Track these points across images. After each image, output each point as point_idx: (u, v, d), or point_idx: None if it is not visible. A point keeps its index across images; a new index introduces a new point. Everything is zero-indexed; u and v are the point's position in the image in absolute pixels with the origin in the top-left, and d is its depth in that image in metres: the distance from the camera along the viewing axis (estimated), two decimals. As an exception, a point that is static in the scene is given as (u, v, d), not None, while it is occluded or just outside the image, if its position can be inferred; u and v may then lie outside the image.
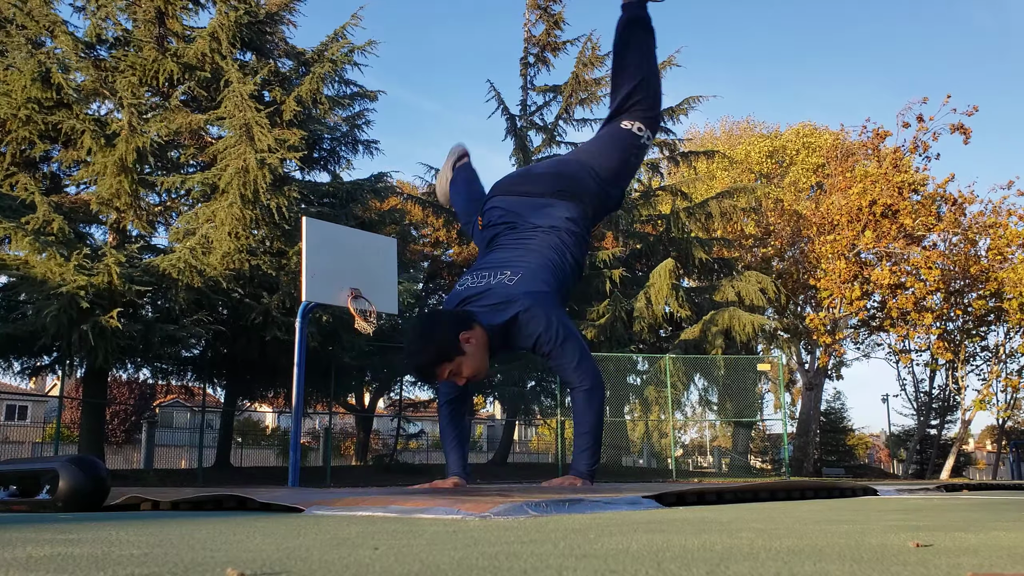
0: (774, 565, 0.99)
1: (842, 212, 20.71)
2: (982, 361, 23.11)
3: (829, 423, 30.41)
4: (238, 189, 11.84)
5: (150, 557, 1.12)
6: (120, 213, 12.62)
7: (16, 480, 2.57)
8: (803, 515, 2.07)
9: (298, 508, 2.20)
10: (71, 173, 13.07)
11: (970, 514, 2.15)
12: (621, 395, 18.94)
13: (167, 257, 11.47)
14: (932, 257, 19.47)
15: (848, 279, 20.08)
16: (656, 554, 1.11)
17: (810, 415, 24.17)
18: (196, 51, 12.97)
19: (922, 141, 21.35)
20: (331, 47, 14.48)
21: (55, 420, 17.40)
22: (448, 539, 1.35)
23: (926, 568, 0.96)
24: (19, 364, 13.02)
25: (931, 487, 4.85)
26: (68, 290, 10.34)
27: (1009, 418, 25.60)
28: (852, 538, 1.36)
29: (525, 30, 19.98)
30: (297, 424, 8.31)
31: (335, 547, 1.24)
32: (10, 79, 11.76)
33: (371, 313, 8.13)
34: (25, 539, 1.40)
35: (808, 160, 25.75)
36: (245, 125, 12.08)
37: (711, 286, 19.98)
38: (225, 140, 12.50)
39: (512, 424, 22.19)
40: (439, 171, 3.71)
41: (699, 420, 25.58)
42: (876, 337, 24.38)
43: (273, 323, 12.10)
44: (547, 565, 1.00)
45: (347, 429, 30.36)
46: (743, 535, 1.41)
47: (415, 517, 1.91)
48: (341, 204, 14.49)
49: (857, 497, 3.50)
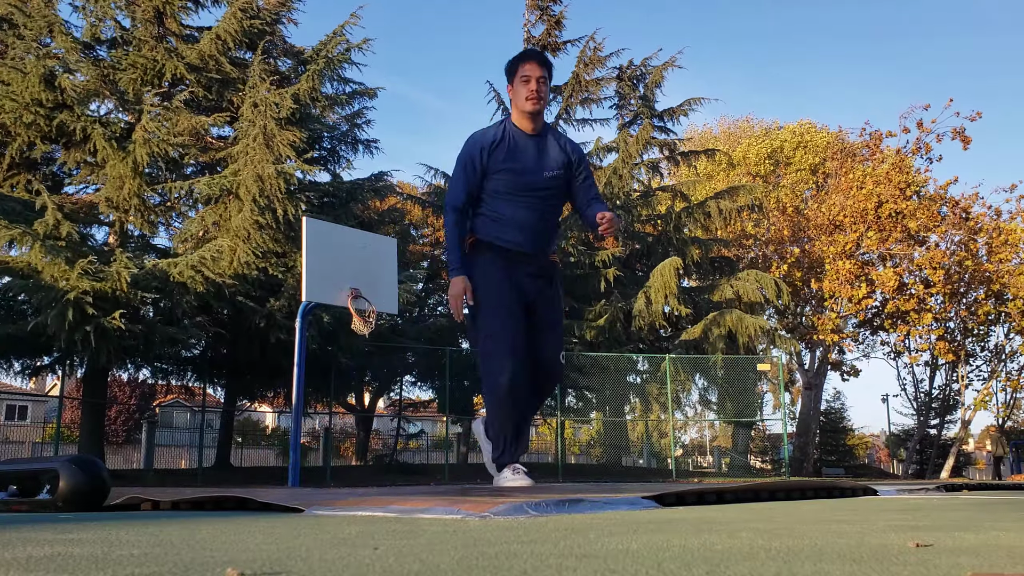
0: (774, 565, 0.99)
1: (847, 213, 20.71)
2: (982, 361, 23.12)
3: (829, 423, 30.41)
4: (254, 196, 11.85)
5: (150, 557, 1.12)
6: (124, 214, 12.61)
7: (16, 480, 2.57)
8: (803, 515, 2.07)
9: (298, 508, 2.20)
10: (73, 174, 13.06)
11: (970, 514, 2.15)
12: (621, 395, 18.94)
13: (176, 261, 11.45)
14: (936, 257, 19.46)
15: (852, 279, 20.10)
16: (656, 554, 1.11)
17: (810, 415, 24.17)
18: (201, 52, 12.97)
19: (924, 143, 21.37)
20: (328, 46, 14.47)
21: (55, 420, 17.40)
22: (448, 539, 1.35)
23: (926, 568, 0.96)
24: (19, 364, 13.01)
25: (931, 487, 4.85)
26: (74, 296, 10.32)
27: (1008, 418, 25.62)
28: (852, 538, 1.36)
29: (525, 30, 19.98)
30: (297, 424, 8.31)
31: (335, 547, 1.24)
32: (12, 80, 11.76)
33: (371, 313, 8.13)
34: (25, 539, 1.40)
35: (805, 160, 25.75)
36: (264, 133, 12.07)
37: (711, 285, 19.97)
38: (241, 145, 12.47)
39: (512, 424, 22.12)
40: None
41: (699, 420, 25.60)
42: (876, 337, 24.40)
43: (276, 326, 12.10)
44: (547, 565, 1.00)
45: (347, 429, 30.36)
46: (743, 535, 1.41)
47: (415, 517, 1.91)
48: (341, 204, 14.48)
49: (857, 497, 3.50)
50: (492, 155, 3.57)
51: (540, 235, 3.66)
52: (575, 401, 19.38)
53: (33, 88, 11.66)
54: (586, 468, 21.46)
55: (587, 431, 29.77)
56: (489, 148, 3.58)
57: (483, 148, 3.58)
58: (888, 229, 20.18)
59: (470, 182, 3.57)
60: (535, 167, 3.61)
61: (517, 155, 3.59)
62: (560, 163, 3.66)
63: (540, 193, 3.62)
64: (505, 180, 3.57)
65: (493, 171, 3.57)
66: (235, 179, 12.15)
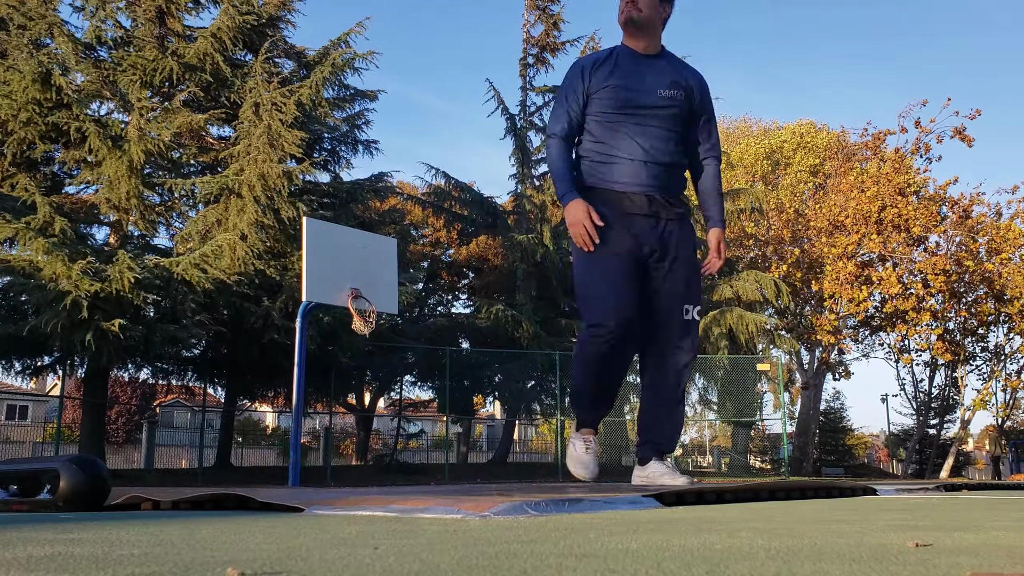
0: (774, 565, 0.99)
1: (849, 213, 20.70)
2: (982, 361, 23.13)
3: (828, 423, 30.41)
4: (256, 195, 11.85)
5: (150, 557, 1.12)
6: (124, 214, 12.61)
7: (17, 480, 2.57)
8: (803, 515, 2.07)
9: (298, 508, 2.20)
10: (73, 174, 13.06)
11: (970, 514, 2.15)
12: (621, 395, 18.95)
13: (178, 260, 11.45)
14: (939, 264, 19.44)
15: (852, 280, 20.10)
16: (656, 554, 1.11)
17: (809, 415, 24.18)
18: (198, 51, 12.96)
19: (924, 143, 21.37)
20: (333, 53, 14.50)
21: (56, 420, 17.40)
22: (448, 539, 1.35)
23: (926, 568, 0.96)
24: (20, 364, 13.02)
25: (930, 487, 4.85)
26: (75, 295, 10.31)
27: (1008, 418, 25.63)
28: (852, 538, 1.36)
29: (524, 31, 19.98)
30: (297, 424, 8.31)
31: (335, 547, 1.24)
32: (11, 80, 11.75)
33: (371, 313, 8.14)
34: (25, 539, 1.40)
35: (805, 161, 25.73)
36: (269, 132, 12.07)
37: (710, 285, 19.97)
38: (242, 145, 12.47)
39: (512, 424, 22.18)
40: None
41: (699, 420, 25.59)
42: (876, 337, 24.41)
43: (276, 326, 12.11)
44: (547, 565, 1.00)
45: (347, 429, 30.36)
46: (743, 535, 1.41)
47: (415, 517, 1.91)
48: (341, 204, 14.48)
49: (857, 497, 3.50)
50: (595, 74, 3.14)
51: (661, 171, 3.09)
52: (575, 401, 19.37)
53: (30, 87, 11.66)
54: (586, 468, 21.41)
55: (587, 431, 29.70)
56: (591, 67, 3.16)
57: (584, 68, 3.18)
58: (890, 231, 20.18)
59: (571, 106, 3.15)
60: (647, 85, 3.10)
61: (624, 71, 3.12)
62: (679, 86, 3.15)
63: (656, 114, 3.09)
64: (611, 98, 3.09)
65: (596, 91, 3.11)
66: (237, 178, 12.15)
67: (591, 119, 3.13)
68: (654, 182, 3.07)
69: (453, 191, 20.30)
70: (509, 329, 17.32)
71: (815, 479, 7.48)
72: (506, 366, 18.16)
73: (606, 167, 3.09)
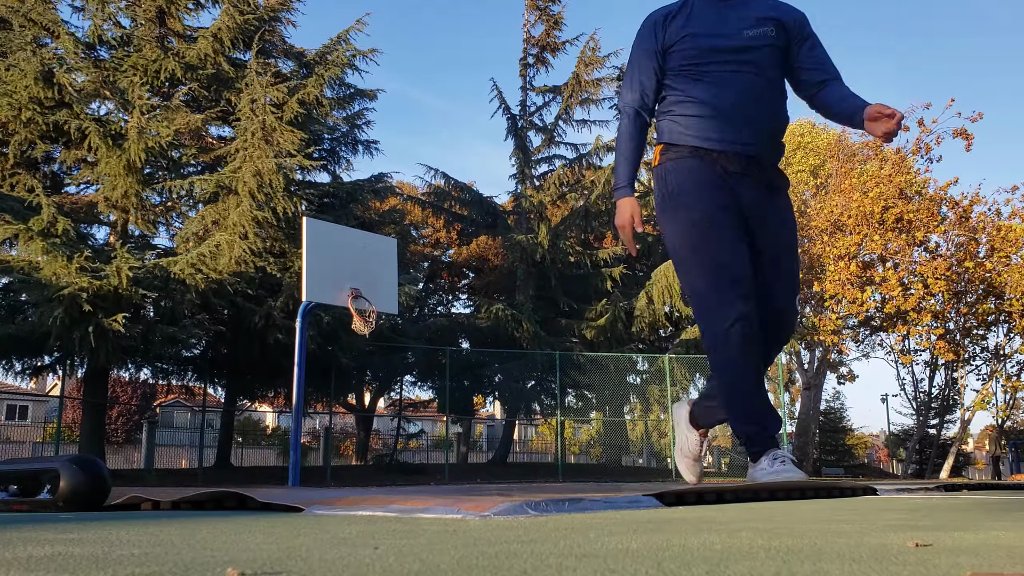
0: (773, 565, 0.99)
1: (851, 213, 20.69)
2: (982, 361, 23.12)
3: (828, 423, 30.42)
4: (253, 192, 11.85)
5: (150, 557, 1.12)
6: (124, 214, 12.62)
7: (17, 480, 2.57)
8: (803, 515, 2.07)
9: (298, 508, 2.20)
10: (72, 173, 13.06)
11: (970, 514, 2.15)
12: (621, 395, 18.94)
13: (176, 260, 11.46)
14: (940, 268, 19.42)
15: (854, 280, 20.10)
16: (656, 554, 1.11)
17: (809, 415, 24.19)
18: (198, 51, 12.97)
19: (924, 143, 21.36)
20: (334, 52, 14.50)
21: (56, 420, 17.41)
22: (448, 539, 1.35)
23: (926, 568, 0.96)
24: (20, 364, 13.02)
25: (931, 487, 4.85)
26: (71, 292, 10.32)
27: (1008, 418, 25.63)
28: (851, 538, 1.36)
29: (524, 30, 19.99)
30: (297, 424, 8.32)
31: (335, 547, 1.24)
32: (12, 79, 11.76)
33: (371, 313, 8.14)
34: (26, 539, 1.41)
35: (805, 161, 25.72)
36: (263, 128, 12.08)
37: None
38: (239, 142, 12.47)
39: (512, 424, 22.19)
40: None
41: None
42: (876, 337, 24.40)
43: (276, 326, 12.11)
44: (547, 565, 1.00)
45: (347, 429, 30.37)
46: (743, 535, 1.41)
47: (415, 517, 1.91)
48: (341, 204, 14.49)
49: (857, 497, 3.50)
50: (669, 26, 2.79)
51: (756, 124, 2.70)
52: (575, 401, 19.39)
53: (32, 86, 11.66)
54: (586, 468, 21.47)
55: (587, 431, 29.78)
56: (664, 20, 2.81)
57: (656, 22, 2.82)
58: (891, 234, 20.17)
59: (644, 70, 2.80)
60: (729, 28, 2.73)
61: (701, 18, 2.77)
62: (767, 21, 2.75)
63: (743, 58, 2.69)
64: (690, 49, 2.73)
65: (673, 43, 2.76)
66: (234, 176, 12.16)
67: (672, 79, 2.78)
68: (752, 135, 2.70)
69: (453, 191, 20.31)
70: (509, 329, 17.33)
71: (815, 479, 7.47)
72: (506, 366, 18.17)
73: (697, 123, 2.71)
